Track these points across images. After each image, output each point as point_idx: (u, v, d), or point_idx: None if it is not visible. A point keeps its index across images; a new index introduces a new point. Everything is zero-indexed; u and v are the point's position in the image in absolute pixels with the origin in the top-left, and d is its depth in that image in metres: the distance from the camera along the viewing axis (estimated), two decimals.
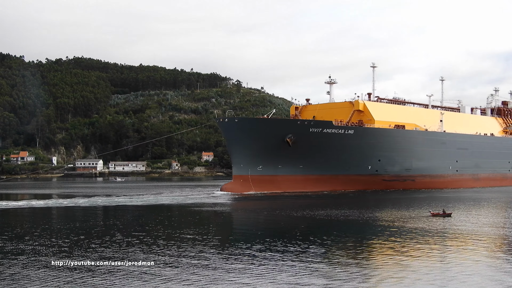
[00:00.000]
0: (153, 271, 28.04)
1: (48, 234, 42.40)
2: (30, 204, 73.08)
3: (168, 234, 41.88)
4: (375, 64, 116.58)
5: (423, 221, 50.14)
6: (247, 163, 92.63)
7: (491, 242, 38.54)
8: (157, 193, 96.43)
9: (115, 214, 61.19)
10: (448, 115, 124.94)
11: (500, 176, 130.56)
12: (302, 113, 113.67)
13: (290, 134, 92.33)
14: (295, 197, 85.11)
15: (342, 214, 57.04)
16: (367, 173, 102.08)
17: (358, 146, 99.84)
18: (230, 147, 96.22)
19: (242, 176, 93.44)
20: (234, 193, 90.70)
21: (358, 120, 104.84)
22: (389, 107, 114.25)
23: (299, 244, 36.31)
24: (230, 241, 39.49)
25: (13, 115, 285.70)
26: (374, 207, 67.93)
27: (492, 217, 55.44)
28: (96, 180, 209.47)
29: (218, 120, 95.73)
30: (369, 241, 38.39)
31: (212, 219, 55.41)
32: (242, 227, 51.31)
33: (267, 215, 58.72)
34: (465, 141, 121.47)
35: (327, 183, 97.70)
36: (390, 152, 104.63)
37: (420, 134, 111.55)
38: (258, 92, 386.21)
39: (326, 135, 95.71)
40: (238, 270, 28.30)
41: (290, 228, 47.30)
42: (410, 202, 74.51)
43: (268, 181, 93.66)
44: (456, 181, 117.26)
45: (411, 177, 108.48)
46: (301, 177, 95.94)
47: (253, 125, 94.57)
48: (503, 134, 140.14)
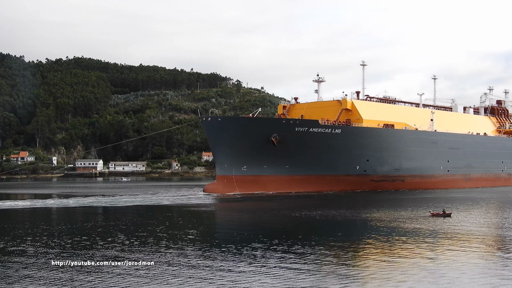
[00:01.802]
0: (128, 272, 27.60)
1: (26, 236, 41.55)
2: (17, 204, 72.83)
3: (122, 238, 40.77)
4: (365, 63, 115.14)
5: (424, 221, 49.98)
6: (231, 163, 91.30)
7: (492, 242, 38.91)
8: (142, 193, 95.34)
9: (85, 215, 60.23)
10: (440, 114, 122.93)
11: (493, 176, 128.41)
12: (290, 112, 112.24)
13: (275, 133, 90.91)
14: (281, 198, 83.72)
15: (333, 214, 56.37)
16: (355, 173, 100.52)
17: (346, 146, 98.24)
18: (213, 147, 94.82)
19: (226, 176, 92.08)
20: (218, 194, 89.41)
21: (346, 119, 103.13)
22: (379, 106, 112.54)
23: (287, 246, 35.70)
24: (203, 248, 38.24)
25: (13, 115, 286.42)
26: (363, 207, 67.08)
27: (492, 217, 55.53)
28: (96, 180, 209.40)
29: (201, 119, 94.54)
30: (358, 242, 38.34)
31: (187, 222, 54.22)
32: (223, 229, 50.26)
33: (251, 216, 57.90)
34: (456, 141, 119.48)
35: (314, 183, 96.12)
36: (379, 152, 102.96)
37: (410, 133, 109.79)
38: (258, 92, 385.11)
39: (312, 135, 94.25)
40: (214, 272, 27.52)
41: (274, 229, 46.55)
42: (400, 202, 73.46)
43: (253, 182, 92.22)
44: (447, 182, 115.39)
45: (401, 177, 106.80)
46: (287, 177, 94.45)
47: (237, 124, 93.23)
48: (497, 134, 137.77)
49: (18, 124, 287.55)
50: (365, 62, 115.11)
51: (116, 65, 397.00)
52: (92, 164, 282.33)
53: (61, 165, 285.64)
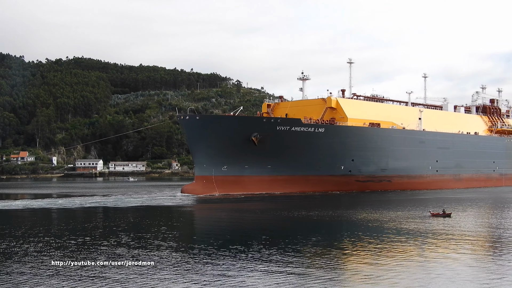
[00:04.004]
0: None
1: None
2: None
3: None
4: (351, 60, 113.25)
5: (425, 221, 49.87)
6: (210, 163, 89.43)
7: (490, 242, 39.35)
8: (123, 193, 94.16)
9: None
10: (428, 113, 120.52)
11: (484, 176, 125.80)
12: (274, 110, 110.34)
13: (255, 132, 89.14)
14: (262, 199, 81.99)
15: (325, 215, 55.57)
16: (340, 174, 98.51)
17: (330, 145, 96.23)
18: (191, 146, 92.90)
19: (205, 176, 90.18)
20: (196, 195, 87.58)
21: (330, 118, 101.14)
22: (365, 104, 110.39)
23: (270, 248, 35.12)
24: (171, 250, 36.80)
25: (13, 115, 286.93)
26: (346, 208, 66.09)
27: (491, 217, 55.68)
28: (96, 180, 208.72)
29: (179, 117, 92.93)
30: (342, 243, 38.17)
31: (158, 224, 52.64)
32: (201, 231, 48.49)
33: (230, 219, 56.73)
34: (446, 140, 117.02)
35: (297, 184, 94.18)
36: (365, 151, 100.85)
37: (396, 132, 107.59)
38: (258, 92, 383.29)
39: (294, 134, 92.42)
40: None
41: (251, 233, 45.21)
42: (386, 204, 72.00)
43: (233, 182, 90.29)
44: (436, 182, 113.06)
45: (387, 178, 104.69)
46: (269, 177, 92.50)
47: (216, 123, 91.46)
48: (488, 133, 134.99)
49: (18, 124, 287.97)
50: (352, 60, 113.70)
51: (116, 65, 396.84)
52: (92, 164, 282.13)
53: (61, 165, 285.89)
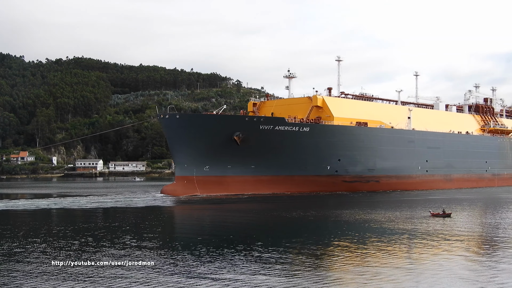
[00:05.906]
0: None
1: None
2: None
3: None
4: (340, 58, 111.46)
5: (425, 222, 49.91)
6: (191, 163, 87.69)
7: (489, 241, 39.24)
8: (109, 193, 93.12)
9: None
10: (418, 112, 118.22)
11: (476, 176, 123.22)
12: (260, 109, 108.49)
13: (238, 131, 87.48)
14: (246, 200, 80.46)
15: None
16: (326, 174, 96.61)
17: (315, 145, 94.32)
18: (172, 146, 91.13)
19: (186, 177, 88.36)
20: (176, 196, 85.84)
21: (316, 116, 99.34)
22: (352, 103, 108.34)
23: (257, 250, 34.57)
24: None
25: (13, 115, 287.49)
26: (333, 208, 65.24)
27: (490, 217, 55.56)
28: (96, 180, 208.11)
29: (158, 116, 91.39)
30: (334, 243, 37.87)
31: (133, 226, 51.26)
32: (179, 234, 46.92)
33: (212, 220, 55.71)
34: (436, 140, 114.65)
35: (282, 184, 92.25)
36: (351, 151, 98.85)
37: (384, 131, 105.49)
38: (258, 92, 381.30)
39: (278, 133, 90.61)
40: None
41: (231, 234, 43.95)
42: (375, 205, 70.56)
43: (215, 183, 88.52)
44: (426, 182, 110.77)
45: (375, 178, 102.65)
46: (253, 178, 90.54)
47: (197, 121, 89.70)
48: (481, 133, 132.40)
49: (18, 124, 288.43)
50: (341, 57, 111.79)
51: (116, 65, 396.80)
52: (92, 164, 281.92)
53: (61, 165, 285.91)
